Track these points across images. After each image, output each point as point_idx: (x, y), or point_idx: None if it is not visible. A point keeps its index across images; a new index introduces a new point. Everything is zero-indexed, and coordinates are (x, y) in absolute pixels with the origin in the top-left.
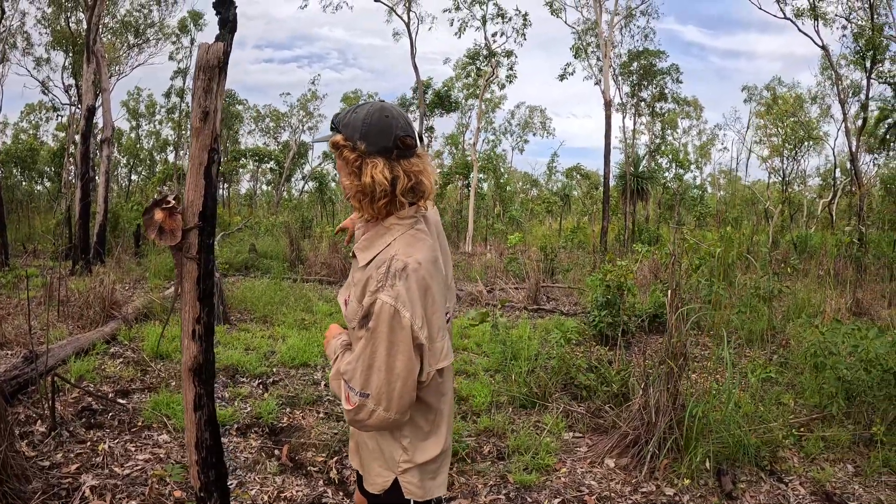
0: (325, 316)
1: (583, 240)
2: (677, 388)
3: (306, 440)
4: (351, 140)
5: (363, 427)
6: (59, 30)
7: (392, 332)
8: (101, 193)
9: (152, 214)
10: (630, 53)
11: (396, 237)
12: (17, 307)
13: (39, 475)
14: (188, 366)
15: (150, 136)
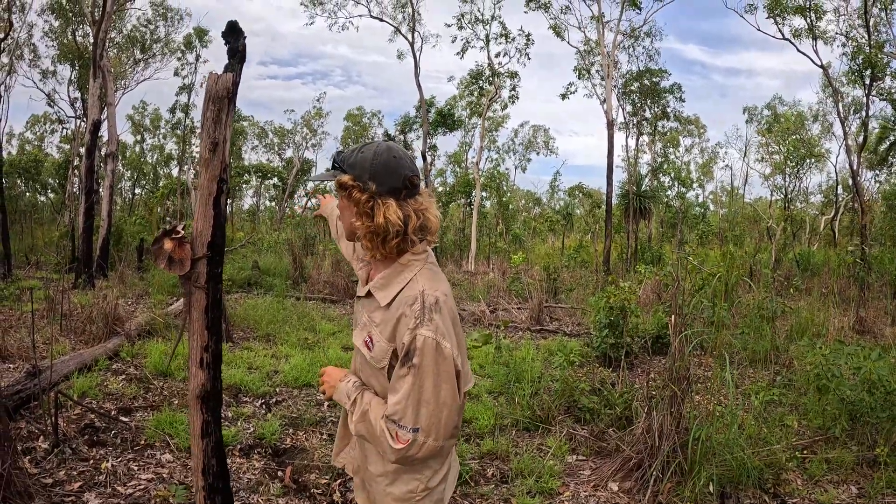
0: (328, 335)
1: (585, 259)
2: (681, 411)
3: (310, 462)
4: (360, 181)
5: (411, 461)
6: (65, 43)
7: (437, 364)
8: (104, 207)
9: (162, 244)
10: (632, 73)
11: (416, 273)
12: (19, 320)
13: (42, 492)
14: (196, 393)
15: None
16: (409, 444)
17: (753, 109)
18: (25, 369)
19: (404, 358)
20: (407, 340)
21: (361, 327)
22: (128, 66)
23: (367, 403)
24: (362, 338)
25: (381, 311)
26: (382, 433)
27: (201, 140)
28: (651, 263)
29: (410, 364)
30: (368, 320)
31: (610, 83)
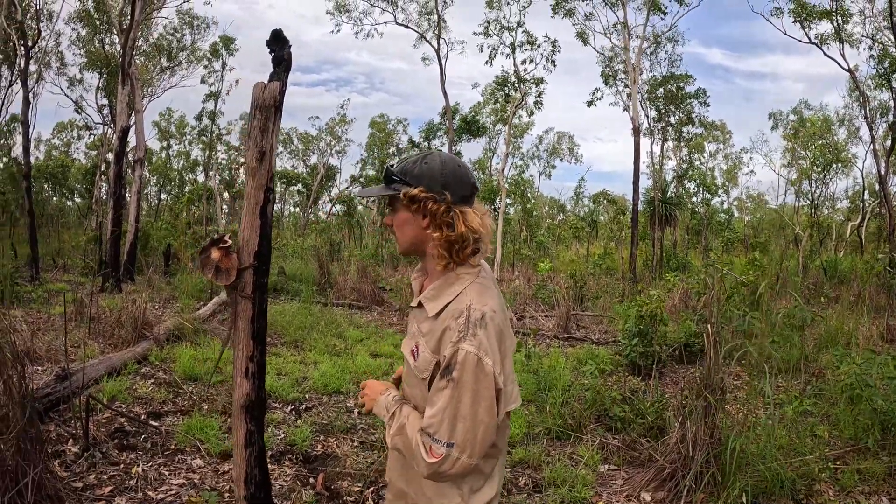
0: (355, 342)
1: (611, 266)
2: (714, 421)
3: (341, 469)
4: (433, 191)
5: (444, 477)
6: (92, 51)
7: (476, 380)
8: (132, 212)
9: (209, 253)
10: (656, 79)
11: (466, 286)
12: (47, 322)
13: (72, 496)
14: (240, 403)
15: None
16: (443, 459)
17: (779, 114)
18: (55, 372)
19: (444, 371)
20: (448, 353)
21: (410, 336)
22: (154, 73)
23: (405, 417)
24: (410, 347)
25: (429, 321)
26: (417, 448)
27: (247, 149)
28: (677, 271)
29: (450, 377)
30: (417, 330)
31: (635, 89)
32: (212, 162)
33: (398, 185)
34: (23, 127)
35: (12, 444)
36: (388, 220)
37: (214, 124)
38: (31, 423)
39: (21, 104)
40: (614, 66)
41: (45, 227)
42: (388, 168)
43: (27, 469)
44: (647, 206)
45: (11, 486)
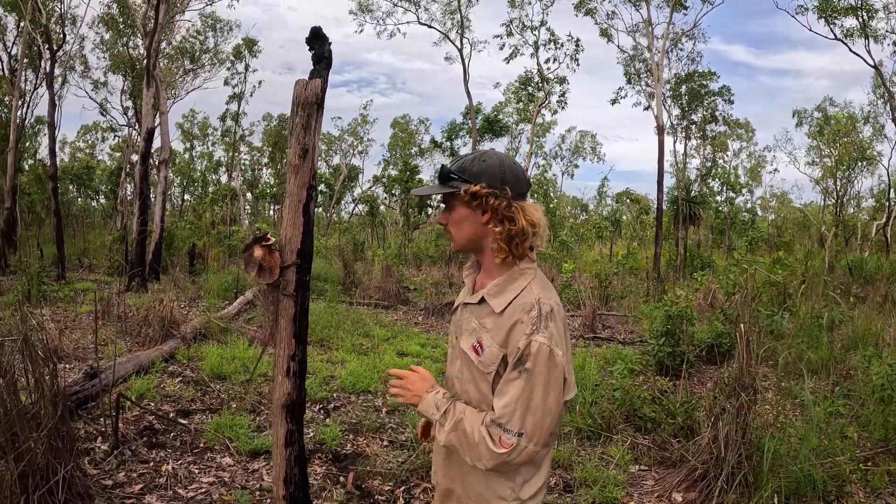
0: (382, 341)
1: (634, 266)
2: (746, 421)
3: (372, 468)
4: (495, 188)
5: (507, 467)
6: (116, 54)
7: (548, 371)
8: (157, 212)
9: (252, 251)
10: (679, 76)
11: (530, 281)
12: (74, 321)
13: (102, 494)
14: (281, 402)
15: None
16: (512, 448)
17: (803, 112)
18: (83, 370)
19: (517, 362)
20: (522, 345)
21: (470, 333)
22: (177, 76)
23: (460, 413)
24: (471, 343)
25: (494, 317)
26: (482, 439)
27: (290, 146)
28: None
29: (523, 368)
30: (479, 326)
31: (659, 87)
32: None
33: (457, 183)
34: (49, 129)
35: (44, 441)
36: (442, 219)
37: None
38: (63, 421)
39: (47, 106)
40: (636, 65)
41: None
42: (445, 167)
43: (58, 467)
44: (671, 205)
45: (42, 484)
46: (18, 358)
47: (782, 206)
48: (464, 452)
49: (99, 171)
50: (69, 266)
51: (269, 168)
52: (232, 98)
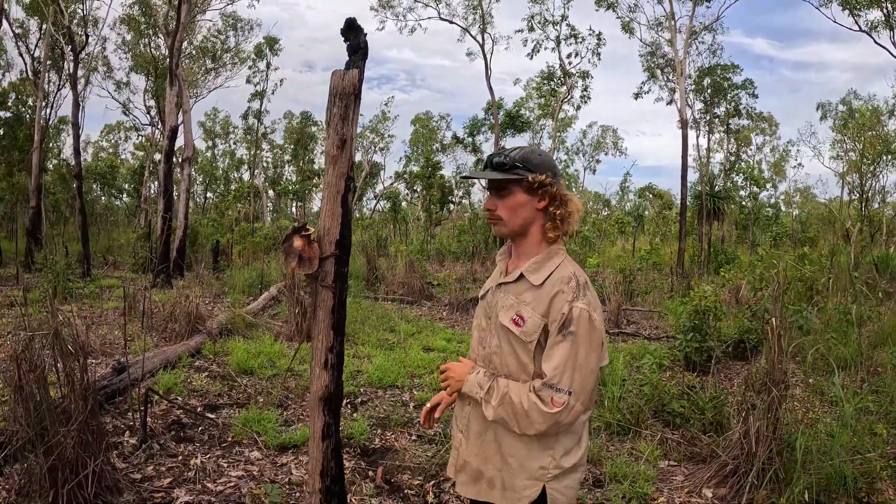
0: (407, 336)
1: (657, 261)
2: (777, 416)
3: (401, 462)
4: (553, 178)
5: (558, 427)
6: (138, 54)
7: (590, 333)
8: (181, 210)
9: (292, 242)
10: (702, 70)
11: (563, 259)
12: (100, 317)
13: (131, 488)
14: (318, 395)
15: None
16: (564, 406)
17: (827, 105)
18: (111, 365)
19: (561, 327)
20: (566, 311)
21: (508, 308)
22: (199, 75)
23: (504, 387)
24: (510, 317)
25: (533, 290)
26: (532, 405)
27: (327, 137)
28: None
29: (567, 332)
30: (517, 301)
31: (682, 81)
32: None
33: (521, 171)
34: (73, 129)
35: (73, 435)
36: (490, 204)
37: (260, 123)
38: (93, 414)
39: (71, 107)
40: (657, 59)
41: (95, 225)
42: (509, 157)
43: (87, 461)
44: (695, 199)
45: (71, 478)
46: (48, 352)
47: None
48: (512, 423)
49: (123, 170)
50: (94, 263)
51: (291, 165)
52: (254, 96)
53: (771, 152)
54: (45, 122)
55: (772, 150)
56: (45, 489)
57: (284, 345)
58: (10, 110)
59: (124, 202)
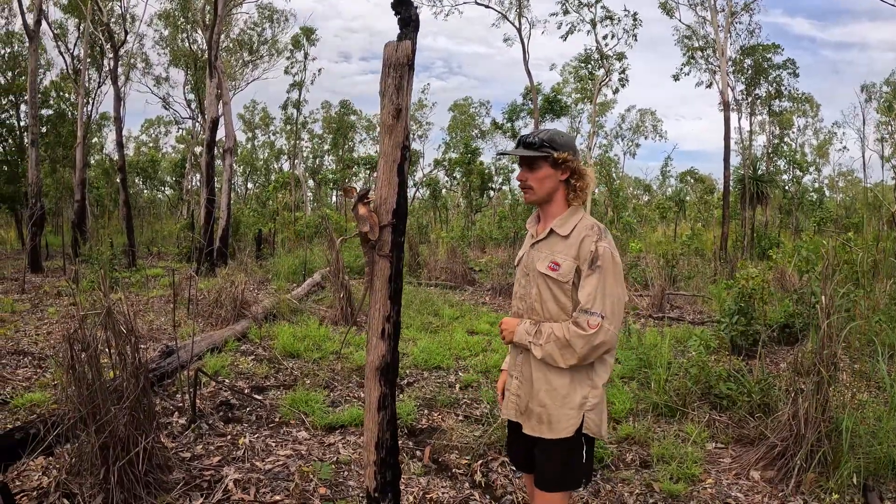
0: (451, 320)
1: (699, 247)
2: (826, 398)
3: (448, 442)
4: (574, 156)
5: (595, 349)
6: (176, 49)
7: (614, 266)
8: (223, 200)
9: (357, 210)
10: (742, 50)
11: (583, 214)
12: (146, 304)
13: (180, 466)
14: (375, 365)
15: (264, 146)
16: (598, 327)
17: (871, 87)
18: (159, 349)
19: (590, 263)
20: (593, 249)
21: (544, 259)
22: (237, 68)
23: (548, 328)
24: (546, 264)
25: (563, 241)
26: (574, 334)
27: (382, 108)
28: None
29: (596, 266)
30: (550, 252)
31: (723, 62)
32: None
33: (549, 150)
34: (115, 123)
35: (125, 413)
36: (521, 175)
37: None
38: (144, 393)
39: (112, 102)
40: (696, 41)
41: (138, 218)
42: (538, 138)
43: (139, 438)
44: (737, 183)
45: (122, 455)
46: (100, 332)
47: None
48: (557, 357)
49: (165, 164)
50: (139, 254)
51: (330, 155)
52: (292, 86)
53: (814, 135)
54: (87, 118)
55: (814, 133)
56: (95, 467)
57: (330, 328)
58: (52, 108)
59: (166, 195)
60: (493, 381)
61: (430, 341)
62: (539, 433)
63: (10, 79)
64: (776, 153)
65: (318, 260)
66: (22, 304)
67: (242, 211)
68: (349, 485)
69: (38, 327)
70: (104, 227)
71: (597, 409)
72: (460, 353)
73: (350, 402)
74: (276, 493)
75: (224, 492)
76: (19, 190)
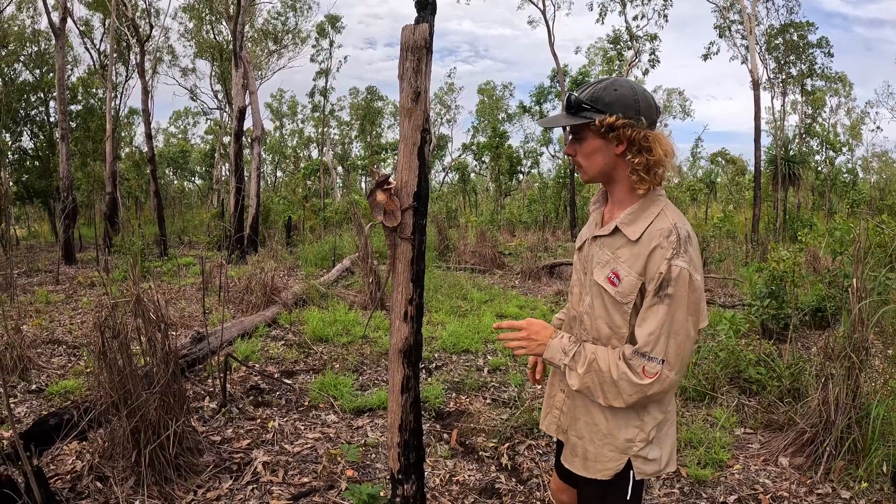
0: (480, 304)
1: (731, 229)
2: (857, 384)
3: (475, 425)
4: (630, 118)
5: (649, 399)
6: (201, 41)
7: (691, 294)
8: (252, 188)
9: (375, 196)
10: (775, 28)
11: (662, 208)
12: (178, 292)
13: (210, 449)
14: (398, 347)
15: (293, 134)
16: (656, 377)
17: None
18: (190, 335)
19: (658, 289)
20: (664, 270)
21: (603, 265)
22: (262, 58)
23: (591, 353)
24: (605, 275)
25: (629, 246)
26: (622, 375)
27: (401, 91)
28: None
29: (665, 294)
30: (613, 257)
31: (753, 39)
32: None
33: (590, 114)
34: (143, 115)
35: (156, 398)
36: (570, 149)
37: (326, 100)
38: (175, 378)
39: (140, 95)
40: (730, 17)
41: (169, 208)
42: (575, 97)
43: (169, 422)
44: (769, 164)
45: (153, 439)
46: (130, 320)
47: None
48: (597, 393)
49: (195, 154)
50: (170, 244)
51: (358, 141)
52: (319, 74)
53: (847, 115)
54: (115, 112)
55: (847, 113)
56: (127, 450)
57: (359, 313)
58: (80, 103)
59: (197, 185)
60: (522, 365)
61: (458, 325)
62: (571, 467)
63: (38, 76)
64: (808, 133)
65: (348, 246)
66: (56, 295)
67: (272, 199)
68: (376, 467)
69: (73, 317)
70: (136, 218)
71: (649, 448)
72: (489, 337)
73: (378, 385)
74: (304, 475)
75: (253, 474)
76: (51, 184)
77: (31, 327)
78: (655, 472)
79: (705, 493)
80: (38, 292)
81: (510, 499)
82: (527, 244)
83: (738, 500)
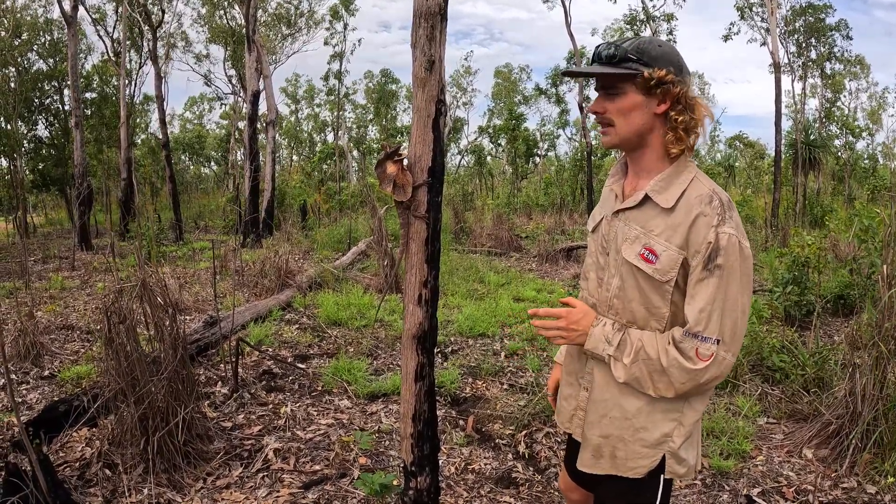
0: (496, 287)
1: (750, 213)
2: (885, 375)
3: (492, 411)
4: (675, 75)
5: (702, 386)
6: (214, 26)
7: (742, 264)
8: (267, 172)
9: (385, 167)
10: (794, 10)
11: (695, 174)
12: (192, 276)
13: (221, 435)
14: (412, 333)
15: (308, 118)
16: (711, 359)
17: None
18: (204, 319)
19: (707, 260)
20: (712, 239)
21: (633, 240)
22: (276, 42)
23: (636, 339)
24: (636, 251)
25: (664, 216)
26: (673, 361)
27: (414, 60)
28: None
29: (715, 265)
30: (643, 231)
31: (773, 21)
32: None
33: (635, 66)
34: (157, 101)
35: (164, 385)
36: (598, 106)
37: (341, 84)
38: (183, 364)
39: (153, 81)
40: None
41: (185, 193)
42: (617, 46)
43: (178, 409)
44: (789, 148)
45: (162, 426)
46: (137, 305)
47: None
48: (647, 384)
49: (210, 139)
50: (186, 228)
51: (374, 125)
52: (333, 58)
53: (868, 99)
54: (129, 98)
55: (869, 97)
56: (136, 438)
57: (374, 297)
58: (94, 91)
59: (212, 170)
60: (540, 349)
61: (474, 308)
62: (595, 469)
63: (52, 65)
64: (828, 118)
65: (363, 229)
66: (72, 280)
67: (287, 182)
68: (390, 454)
69: (87, 302)
70: (151, 204)
71: (684, 447)
72: (506, 321)
73: (393, 370)
74: (316, 462)
75: (264, 461)
76: (67, 172)
77: (45, 313)
78: (685, 475)
79: (728, 484)
80: (54, 278)
81: (527, 488)
82: (544, 227)
83: (761, 493)
